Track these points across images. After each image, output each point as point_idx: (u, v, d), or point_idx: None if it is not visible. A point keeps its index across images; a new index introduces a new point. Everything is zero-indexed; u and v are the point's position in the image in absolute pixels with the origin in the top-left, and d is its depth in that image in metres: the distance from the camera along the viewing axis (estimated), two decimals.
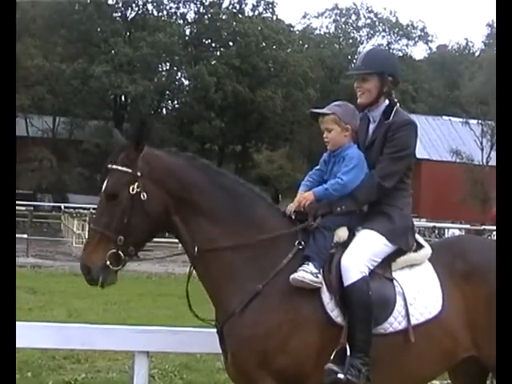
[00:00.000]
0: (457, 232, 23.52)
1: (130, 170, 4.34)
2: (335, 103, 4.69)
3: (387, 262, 4.51)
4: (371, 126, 4.74)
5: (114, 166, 4.39)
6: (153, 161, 4.41)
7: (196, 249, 4.37)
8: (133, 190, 4.30)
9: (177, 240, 4.64)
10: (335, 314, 4.28)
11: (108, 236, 4.29)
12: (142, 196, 4.30)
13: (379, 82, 4.65)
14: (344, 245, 4.45)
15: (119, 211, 4.30)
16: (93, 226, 4.41)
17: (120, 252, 4.29)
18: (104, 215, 4.35)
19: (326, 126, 4.61)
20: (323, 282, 4.29)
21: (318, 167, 4.81)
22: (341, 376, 4.15)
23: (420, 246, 4.66)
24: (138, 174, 4.33)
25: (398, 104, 4.74)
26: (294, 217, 4.56)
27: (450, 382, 5.54)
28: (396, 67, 4.87)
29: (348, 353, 4.20)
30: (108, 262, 4.27)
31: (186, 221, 4.40)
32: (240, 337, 4.22)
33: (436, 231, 28.05)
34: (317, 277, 4.24)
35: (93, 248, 4.31)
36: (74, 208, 33.11)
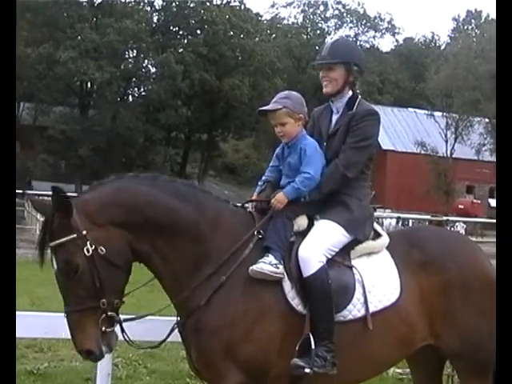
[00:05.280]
0: (393, 222, 24.46)
1: (74, 235, 4.01)
2: (280, 96, 4.60)
3: (346, 250, 4.54)
4: (334, 117, 4.75)
5: (56, 242, 4.03)
6: (87, 207, 4.10)
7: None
8: (88, 252, 4.01)
9: None
10: (296, 302, 4.27)
11: (89, 307, 4.03)
12: (100, 250, 4.04)
13: (345, 71, 4.66)
14: (303, 233, 4.45)
15: (87, 280, 4.02)
16: (67, 309, 4.05)
17: (109, 313, 4.07)
18: (73, 293, 4.03)
19: (279, 121, 4.54)
20: (285, 272, 4.28)
21: (271, 164, 4.77)
22: (307, 370, 4.16)
23: (378, 235, 4.69)
24: (84, 232, 4.02)
25: (359, 96, 4.75)
26: (253, 209, 4.55)
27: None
28: (361, 57, 4.88)
29: (312, 343, 4.20)
30: (103, 328, 4.04)
31: (148, 241, 4.21)
32: (206, 329, 4.17)
33: (400, 222, 28.38)
34: (277, 267, 4.21)
35: (80, 330, 4.03)
36: (38, 195, 32.64)
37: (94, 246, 4.03)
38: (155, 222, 4.20)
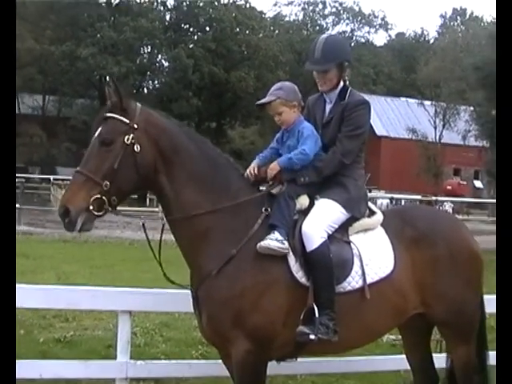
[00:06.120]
0: (384, 202, 24.76)
1: (127, 121, 4.14)
2: (275, 88, 4.61)
3: (344, 227, 4.55)
4: (328, 106, 4.75)
5: (112, 114, 4.17)
6: (149, 117, 4.26)
7: (179, 212, 4.27)
8: (127, 140, 4.10)
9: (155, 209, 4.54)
10: (300, 275, 4.29)
11: (94, 180, 4.03)
12: (135, 148, 4.11)
13: (339, 70, 4.65)
14: (305, 212, 4.47)
15: (111, 157, 4.07)
16: (80, 169, 4.09)
17: (104, 198, 4.04)
18: (94, 160, 4.09)
19: (275, 111, 4.59)
20: (289, 248, 4.29)
21: (271, 145, 4.80)
22: (312, 337, 4.20)
23: (372, 213, 4.71)
24: (135, 126, 4.14)
25: (348, 83, 4.71)
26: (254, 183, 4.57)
27: None
28: (349, 52, 4.86)
29: (316, 312, 4.22)
30: (91, 207, 4.01)
31: (172, 182, 4.25)
32: (216, 298, 4.19)
33: (394, 202, 28.43)
34: (283, 243, 4.24)
35: (75, 190, 4.04)
36: (63, 180, 32.73)
37: (134, 140, 4.12)
38: (185, 168, 4.28)
